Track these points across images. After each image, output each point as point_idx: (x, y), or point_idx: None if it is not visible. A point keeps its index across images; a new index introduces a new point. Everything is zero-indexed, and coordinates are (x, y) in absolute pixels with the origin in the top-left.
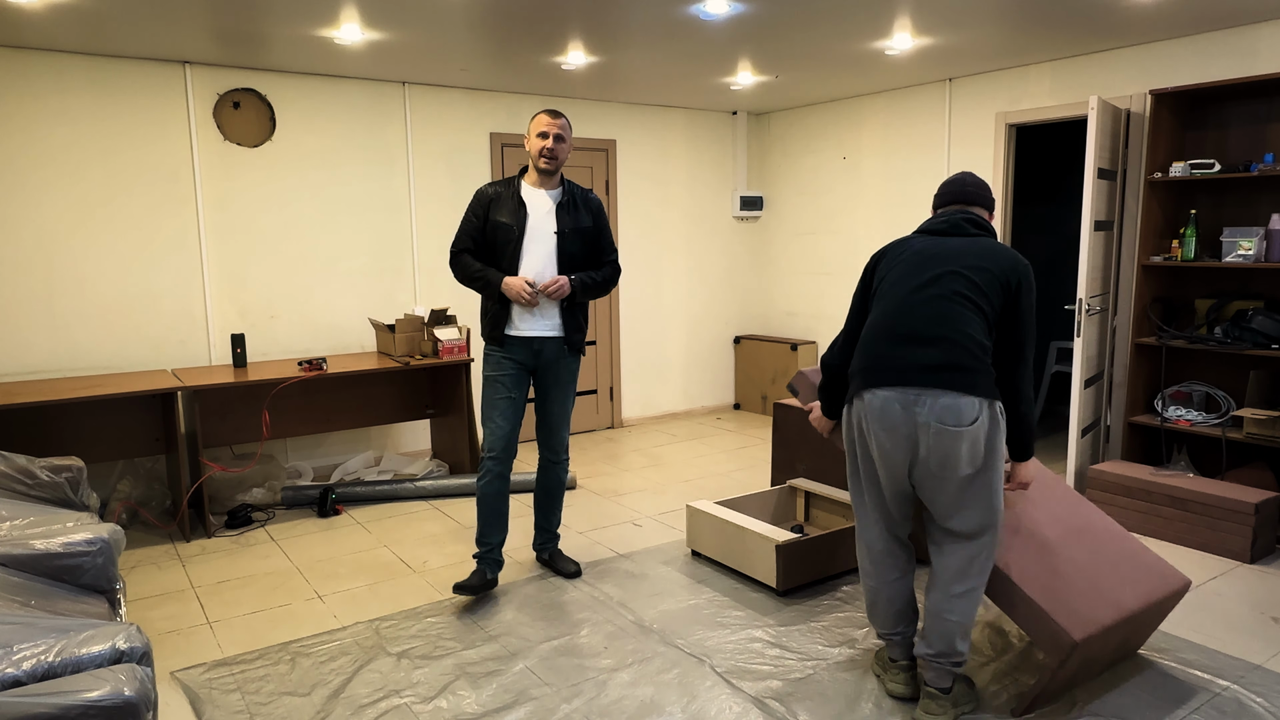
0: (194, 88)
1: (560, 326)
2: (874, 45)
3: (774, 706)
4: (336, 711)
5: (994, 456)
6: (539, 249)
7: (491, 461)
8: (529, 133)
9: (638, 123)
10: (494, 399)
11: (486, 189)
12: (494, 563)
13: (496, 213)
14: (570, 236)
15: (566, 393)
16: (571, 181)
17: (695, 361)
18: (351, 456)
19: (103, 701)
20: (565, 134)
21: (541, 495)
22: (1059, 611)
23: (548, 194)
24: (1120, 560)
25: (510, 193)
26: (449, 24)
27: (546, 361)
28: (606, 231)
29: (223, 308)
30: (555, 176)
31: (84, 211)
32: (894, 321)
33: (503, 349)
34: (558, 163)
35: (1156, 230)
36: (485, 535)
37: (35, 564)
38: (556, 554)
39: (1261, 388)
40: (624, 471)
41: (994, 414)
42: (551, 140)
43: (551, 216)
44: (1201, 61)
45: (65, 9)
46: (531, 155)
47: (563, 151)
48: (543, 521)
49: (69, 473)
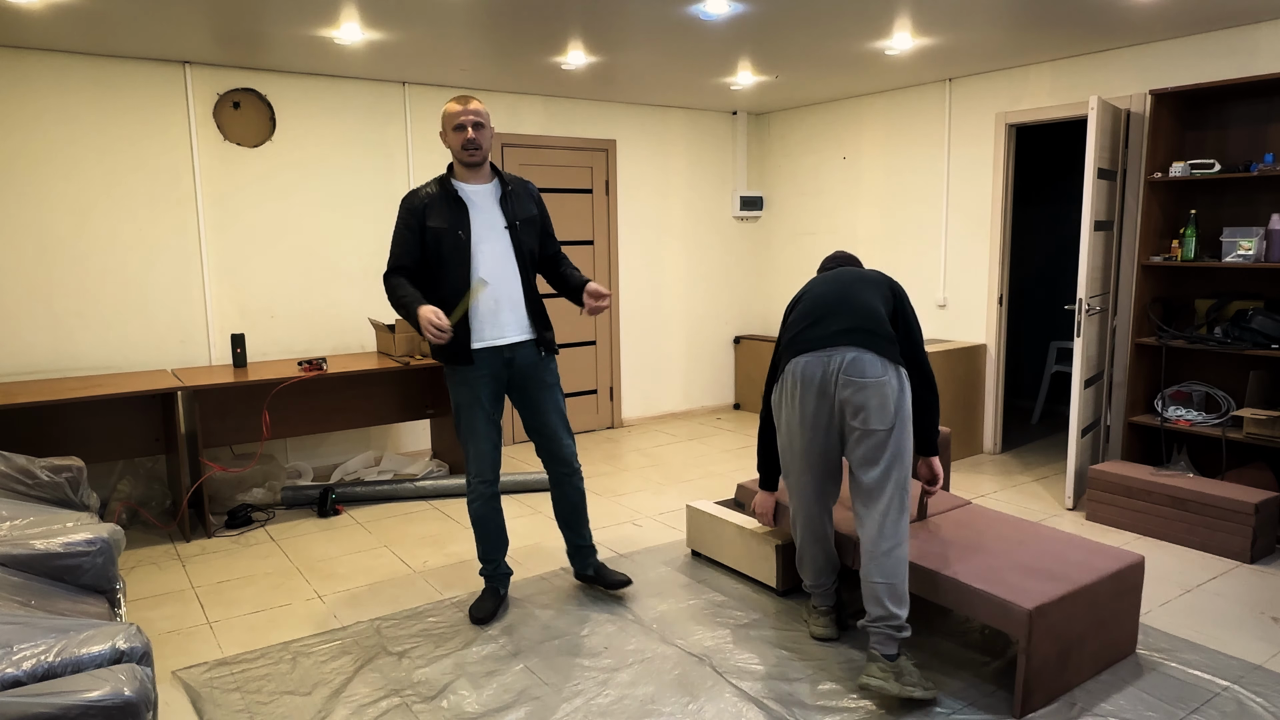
0: (194, 88)
1: (530, 328)
2: (874, 45)
3: (774, 707)
4: (337, 711)
5: (901, 419)
6: (492, 249)
7: (483, 485)
8: (443, 127)
9: (638, 123)
10: (474, 424)
11: (414, 196)
12: (503, 578)
13: (433, 219)
14: (522, 228)
15: (555, 395)
16: (502, 170)
17: (695, 361)
18: (351, 456)
19: (103, 701)
20: (483, 119)
21: (566, 512)
22: (1005, 591)
23: (485, 187)
24: (1065, 551)
25: (443, 194)
26: (449, 24)
27: (522, 369)
28: (549, 220)
29: (223, 307)
30: (484, 167)
31: (84, 211)
32: (810, 309)
33: (473, 366)
34: (482, 153)
35: (1156, 230)
36: (490, 553)
37: (35, 564)
38: (601, 567)
39: (1261, 388)
40: (624, 471)
41: (900, 378)
42: (470, 129)
43: (497, 211)
44: (1201, 61)
45: (65, 9)
46: (453, 150)
47: (485, 139)
48: (575, 538)
49: (69, 473)
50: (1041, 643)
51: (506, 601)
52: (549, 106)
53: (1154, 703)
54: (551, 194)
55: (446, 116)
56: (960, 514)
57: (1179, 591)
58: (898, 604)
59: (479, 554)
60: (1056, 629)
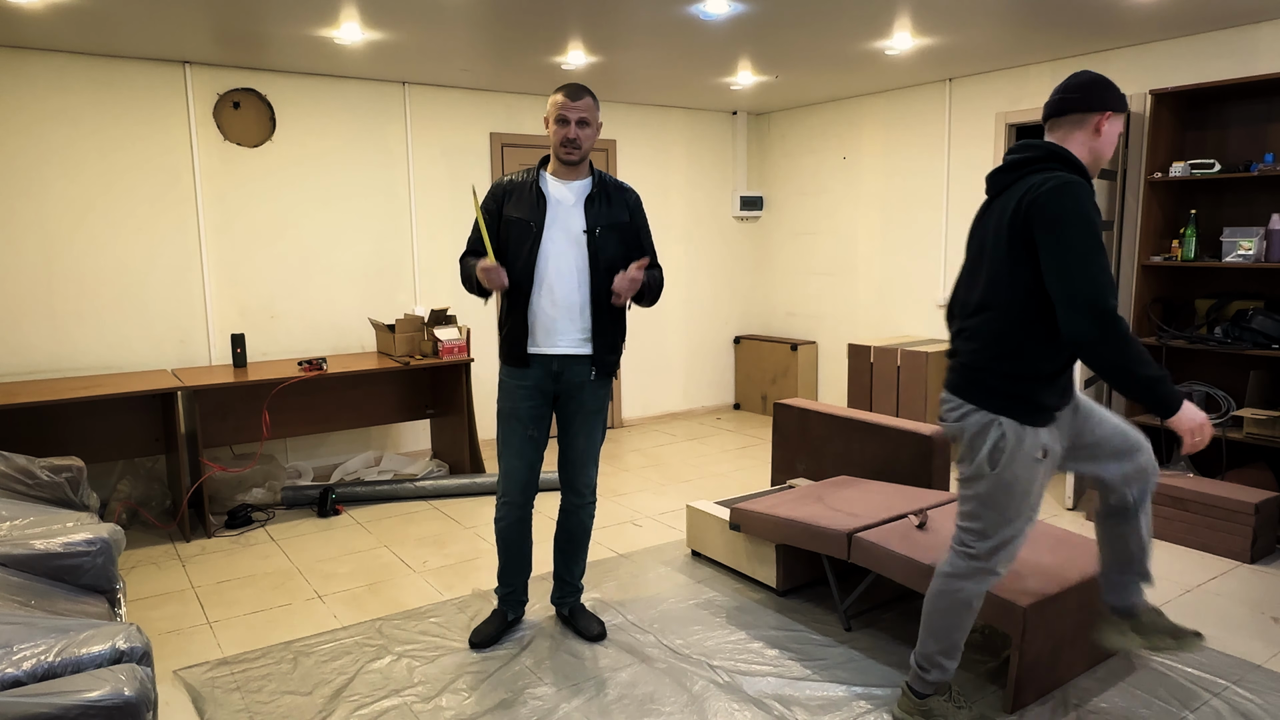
0: (194, 88)
1: (588, 342)
2: (874, 45)
3: (774, 706)
4: (338, 710)
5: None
6: (565, 251)
7: (509, 508)
8: (547, 116)
9: (638, 123)
10: (510, 438)
11: (501, 182)
12: (518, 603)
13: (512, 207)
14: (604, 236)
15: (595, 425)
16: (604, 172)
17: (695, 361)
18: (351, 456)
19: (103, 701)
20: (590, 117)
21: (564, 541)
22: (1002, 590)
23: (573, 185)
24: (1059, 548)
25: (529, 184)
26: (449, 24)
27: (569, 386)
28: (647, 231)
29: (223, 307)
30: (583, 166)
31: (84, 211)
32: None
33: (521, 374)
34: (582, 153)
35: (1156, 230)
36: (508, 577)
37: (35, 564)
38: (578, 610)
39: (1261, 388)
40: (624, 471)
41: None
42: (573, 127)
43: (579, 211)
44: (1201, 61)
45: (65, 9)
46: (552, 144)
47: (587, 139)
48: (563, 572)
49: (69, 473)
50: (1034, 639)
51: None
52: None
53: (1153, 702)
54: None
55: (552, 105)
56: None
57: (1179, 591)
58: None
59: (497, 572)
60: (1050, 625)
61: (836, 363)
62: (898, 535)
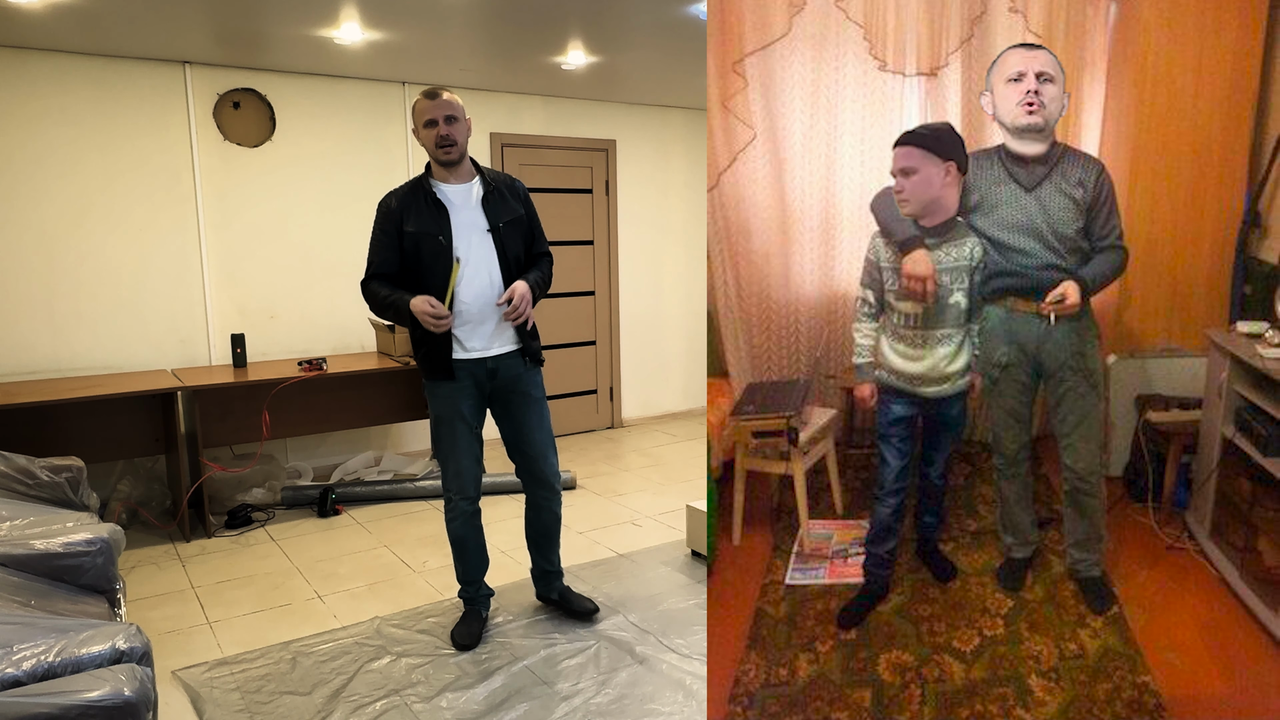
0: (194, 88)
1: (515, 338)
2: None
3: None
4: (337, 710)
5: None
6: (474, 254)
7: (464, 503)
8: (414, 124)
9: (638, 123)
10: (455, 439)
11: (390, 199)
12: (484, 599)
13: (411, 223)
14: (507, 231)
15: (541, 410)
16: (486, 167)
17: (695, 361)
18: (351, 456)
19: (103, 702)
20: (456, 112)
21: (537, 536)
22: None
23: (465, 187)
24: None
25: (422, 197)
26: (449, 24)
27: (505, 382)
28: (537, 220)
29: (223, 307)
30: (464, 165)
31: (84, 211)
32: None
33: (454, 380)
34: (458, 149)
35: None
36: (471, 574)
37: (35, 564)
38: (567, 592)
39: None
40: (624, 471)
41: None
42: (442, 124)
43: (479, 212)
44: None
45: (65, 9)
46: (427, 149)
47: (460, 133)
48: (543, 563)
49: (69, 473)
50: None
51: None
52: (549, 106)
53: None
54: (551, 194)
55: (416, 112)
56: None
57: None
58: None
59: (458, 575)
60: None
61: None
62: None
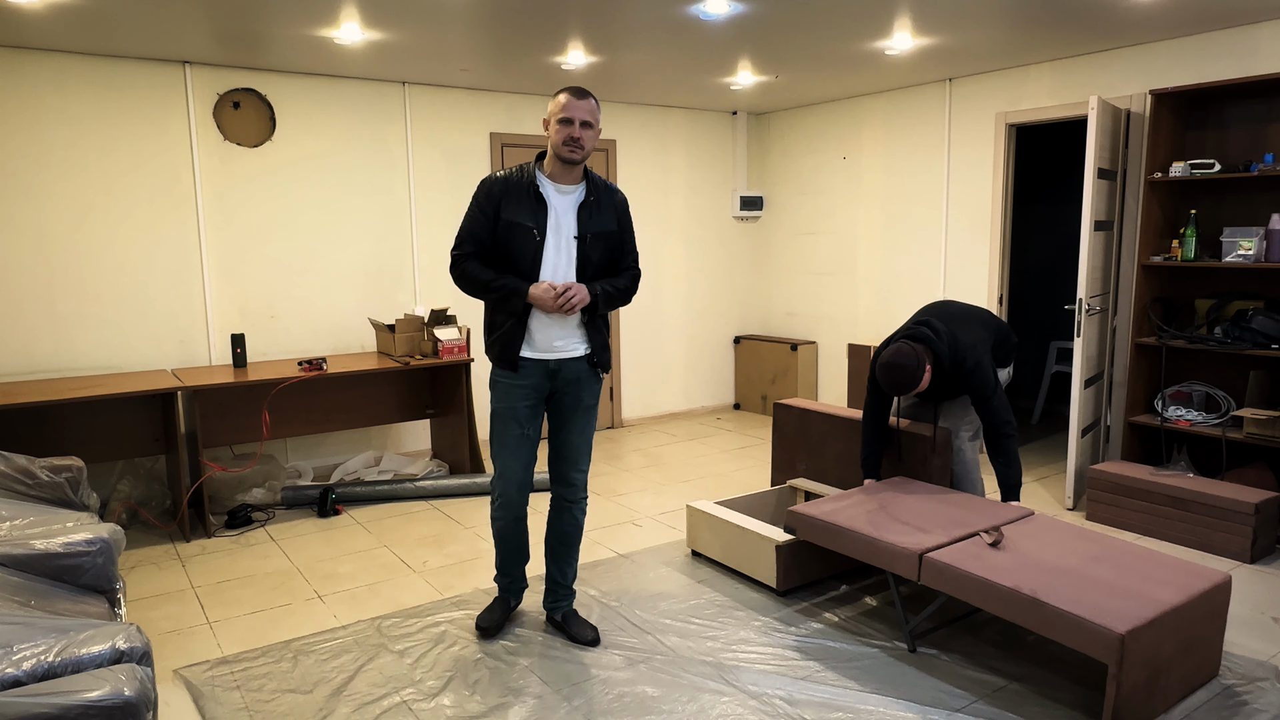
0: (194, 88)
1: (584, 342)
2: (874, 45)
3: (775, 706)
4: (338, 709)
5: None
6: (557, 257)
7: (507, 508)
8: (549, 115)
9: (638, 123)
10: (505, 437)
11: (494, 180)
12: (518, 591)
13: (511, 211)
14: (592, 242)
15: (589, 419)
16: (594, 173)
17: (695, 361)
18: (351, 456)
19: (103, 701)
20: (593, 119)
21: (555, 542)
22: (1094, 614)
23: (569, 190)
24: (1149, 569)
25: (526, 186)
26: (449, 24)
27: (565, 384)
28: (630, 235)
29: (223, 307)
30: (579, 169)
31: (84, 211)
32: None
33: (516, 374)
34: (584, 153)
35: (1156, 230)
36: (508, 567)
37: (35, 564)
38: (570, 615)
39: (1261, 388)
40: (624, 471)
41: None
42: (578, 127)
43: (572, 217)
44: (1201, 61)
45: (65, 9)
46: (553, 143)
47: (590, 140)
48: (556, 574)
49: (69, 473)
50: (1132, 668)
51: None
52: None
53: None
54: None
55: (556, 105)
56: (1027, 526)
57: None
58: None
59: (496, 562)
60: (1144, 651)
61: (836, 363)
62: (971, 555)
